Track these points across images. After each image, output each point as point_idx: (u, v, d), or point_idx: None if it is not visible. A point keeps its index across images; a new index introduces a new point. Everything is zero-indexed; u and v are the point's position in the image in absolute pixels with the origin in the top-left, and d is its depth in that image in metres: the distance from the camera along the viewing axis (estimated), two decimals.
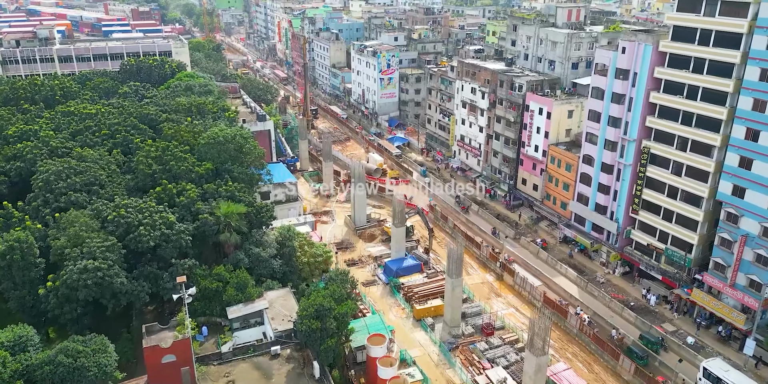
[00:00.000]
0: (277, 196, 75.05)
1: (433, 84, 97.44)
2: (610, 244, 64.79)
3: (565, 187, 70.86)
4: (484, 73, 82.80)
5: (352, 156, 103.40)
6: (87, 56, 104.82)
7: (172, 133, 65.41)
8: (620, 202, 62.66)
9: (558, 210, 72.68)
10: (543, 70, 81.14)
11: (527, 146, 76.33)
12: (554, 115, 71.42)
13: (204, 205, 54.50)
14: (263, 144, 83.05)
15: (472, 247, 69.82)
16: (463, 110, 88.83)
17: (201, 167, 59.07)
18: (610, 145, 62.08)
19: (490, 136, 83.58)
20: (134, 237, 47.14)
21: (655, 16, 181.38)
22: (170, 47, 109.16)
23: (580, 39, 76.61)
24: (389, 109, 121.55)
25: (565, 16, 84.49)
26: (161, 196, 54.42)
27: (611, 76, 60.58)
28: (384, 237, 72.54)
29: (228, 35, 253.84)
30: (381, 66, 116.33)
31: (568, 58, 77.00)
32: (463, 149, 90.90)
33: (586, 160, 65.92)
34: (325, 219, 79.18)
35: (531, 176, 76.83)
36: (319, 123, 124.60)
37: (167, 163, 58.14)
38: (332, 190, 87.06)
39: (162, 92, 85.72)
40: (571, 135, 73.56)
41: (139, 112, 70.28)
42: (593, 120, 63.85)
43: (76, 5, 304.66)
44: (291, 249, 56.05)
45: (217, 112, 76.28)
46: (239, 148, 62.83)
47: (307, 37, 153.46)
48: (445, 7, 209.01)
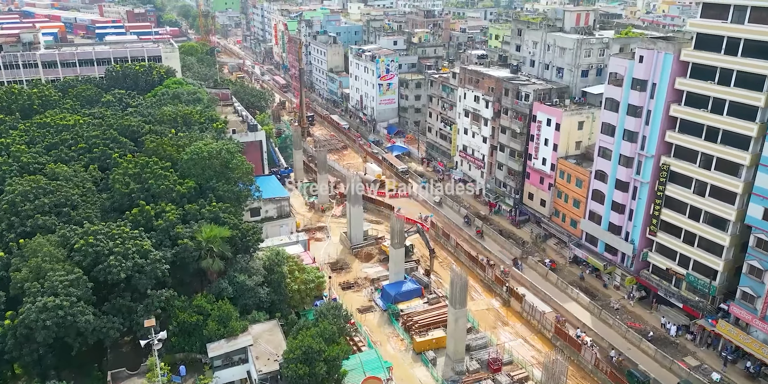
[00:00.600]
0: (267, 213, 70.58)
1: (434, 91, 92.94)
2: (624, 267, 60.23)
3: (575, 203, 66.29)
4: (488, 80, 78.26)
5: (349, 166, 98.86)
6: (72, 62, 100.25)
7: (154, 146, 60.79)
8: (636, 222, 58.10)
9: (567, 228, 68.11)
10: (550, 77, 76.59)
11: (534, 159, 71.78)
12: (563, 126, 66.88)
13: (184, 228, 49.94)
14: (254, 155, 78.63)
15: (476, 268, 65.23)
16: (466, 119, 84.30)
17: (183, 186, 54.47)
18: (626, 160, 57.53)
19: (495, 148, 79.02)
20: (103, 268, 42.55)
21: (662, 19, 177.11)
22: (160, 52, 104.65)
23: (590, 45, 72.08)
24: (388, 115, 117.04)
25: (574, 20, 79.90)
26: (138, 218, 49.85)
27: (627, 86, 56.05)
28: (382, 256, 67.96)
29: (224, 37, 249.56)
30: (380, 71, 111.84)
31: (578, 66, 72.45)
32: (465, 160, 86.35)
33: (599, 175, 61.35)
34: (320, 236, 74.61)
35: (538, 191, 72.25)
36: (315, 130, 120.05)
37: (146, 181, 53.58)
38: (327, 203, 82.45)
39: (148, 100, 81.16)
40: (582, 148, 69.00)
41: (119, 123, 65.68)
42: (607, 133, 59.28)
43: (72, 7, 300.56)
44: (280, 275, 51.47)
45: (204, 123, 71.71)
46: (225, 164, 58.24)
47: (304, 40, 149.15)
48: (446, 9, 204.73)
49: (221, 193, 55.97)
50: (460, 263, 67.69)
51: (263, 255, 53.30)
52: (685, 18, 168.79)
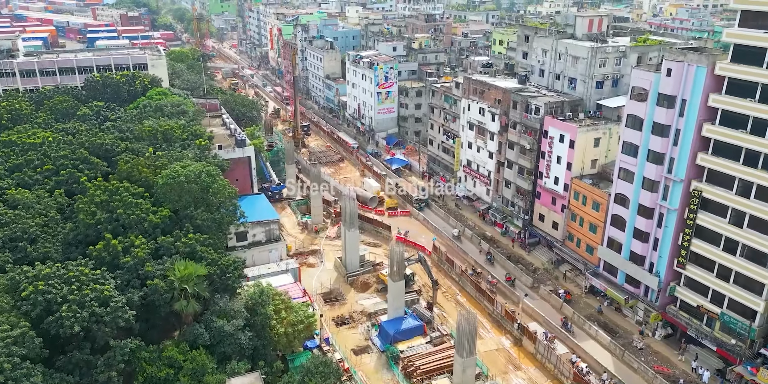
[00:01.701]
0: (255, 237, 64.72)
1: (436, 102, 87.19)
2: (648, 301, 54.41)
3: (591, 228, 60.48)
4: (495, 92, 72.52)
5: (345, 180, 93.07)
6: (52, 70, 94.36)
7: (128, 168, 55.11)
8: (662, 253, 52.28)
9: (583, 254, 62.31)
10: (562, 88, 70.84)
11: (545, 178, 66.00)
12: (578, 143, 61.13)
13: (156, 264, 44.21)
14: (242, 172, 72.91)
15: (483, 301, 59.40)
16: (470, 132, 78.54)
17: (156, 215, 48.70)
18: (650, 184, 51.73)
19: (501, 164, 73.24)
20: (55, 319, 36.77)
21: (670, 22, 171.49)
22: (146, 59, 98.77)
23: (605, 54, 66.33)
24: (387, 125, 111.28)
25: (586, 26, 74.11)
26: (102, 254, 44.10)
27: (652, 102, 50.29)
28: (380, 286, 62.15)
29: (220, 41, 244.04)
30: (378, 79, 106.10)
31: (592, 76, 66.69)
32: (469, 176, 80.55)
33: (619, 199, 55.55)
34: (312, 260, 68.79)
35: (550, 212, 66.46)
36: (310, 140, 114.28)
37: (115, 210, 47.82)
38: (321, 223, 76.63)
39: (129, 113, 75.46)
40: (598, 166, 63.24)
41: (91, 141, 59.93)
42: (628, 154, 53.50)
43: (66, 10, 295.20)
44: (264, 317, 45.75)
45: (186, 139, 65.95)
46: (205, 188, 52.50)
47: (300, 45, 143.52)
48: (447, 12, 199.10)
49: (199, 223, 50.21)
50: (465, 293, 61.88)
51: (246, 293, 47.54)
52: (695, 21, 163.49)
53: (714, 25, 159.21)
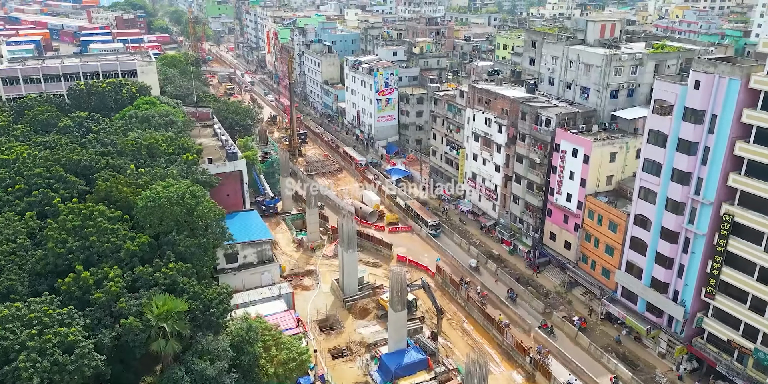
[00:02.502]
0: (246, 258, 60.43)
1: (439, 110, 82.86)
2: (673, 333, 50.03)
3: (608, 250, 56.14)
4: (502, 101, 68.22)
5: (343, 193, 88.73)
6: (36, 77, 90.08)
7: (107, 188, 50.78)
8: (688, 281, 47.95)
9: (599, 277, 57.97)
10: (573, 98, 66.56)
11: (557, 194, 61.69)
12: (593, 158, 56.81)
13: (131, 299, 39.86)
14: (233, 188, 68.63)
15: (492, 329, 55.00)
16: (475, 144, 74.23)
17: (134, 241, 44.33)
18: (675, 206, 47.40)
19: (509, 178, 68.91)
20: (11, 370, 32.41)
21: (677, 25, 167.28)
22: (135, 65, 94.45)
23: (620, 62, 62.02)
24: (387, 133, 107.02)
25: (598, 31, 69.85)
26: (71, 289, 39.75)
27: (678, 117, 45.97)
28: (380, 312, 57.78)
29: (217, 44, 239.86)
30: (378, 85, 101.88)
31: (607, 86, 62.40)
32: (474, 189, 76.21)
33: (640, 221, 51.19)
34: (308, 282, 64.41)
35: (562, 231, 62.13)
36: (307, 149, 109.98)
37: (88, 237, 43.48)
38: (318, 240, 72.23)
39: (114, 124, 71.20)
40: (614, 183, 58.92)
41: (68, 157, 55.54)
42: (651, 172, 49.16)
43: (61, 12, 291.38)
44: (252, 357, 41.38)
45: (173, 154, 61.66)
46: (189, 211, 48.16)
47: (297, 49, 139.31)
48: (448, 14, 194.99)
49: (182, 249, 45.81)
50: (472, 320, 57.51)
51: (233, 328, 43.13)
52: (703, 24, 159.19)
53: (723, 28, 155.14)
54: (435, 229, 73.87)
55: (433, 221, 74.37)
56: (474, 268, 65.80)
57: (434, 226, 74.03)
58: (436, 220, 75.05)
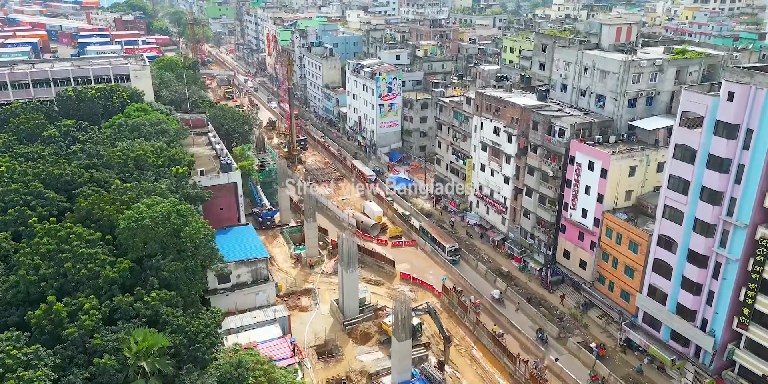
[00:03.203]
0: (239, 277, 56.74)
1: (444, 118, 78.97)
2: (700, 364, 46.09)
3: (628, 271, 52.23)
4: (511, 109, 64.35)
5: (344, 203, 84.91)
6: (25, 82, 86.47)
7: (88, 205, 47.10)
8: (719, 309, 44.03)
9: (617, 300, 54.07)
10: (588, 106, 62.65)
11: (571, 209, 57.79)
12: (612, 172, 52.89)
13: (108, 334, 36.15)
14: (227, 201, 64.96)
15: (503, 358, 51.09)
16: (483, 154, 70.37)
17: (114, 267, 40.62)
18: (705, 228, 43.49)
19: (519, 191, 65.03)
20: None
21: (687, 26, 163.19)
22: (128, 70, 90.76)
23: (639, 68, 58.07)
24: (390, 139, 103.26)
25: (613, 35, 65.94)
26: (42, 322, 36.07)
27: (708, 131, 42.08)
28: (383, 337, 53.90)
29: (217, 46, 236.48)
30: (380, 90, 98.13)
31: (624, 93, 58.48)
32: (482, 202, 72.34)
33: (664, 242, 47.26)
34: (306, 303, 60.56)
35: (576, 249, 58.23)
36: (307, 155, 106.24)
37: (63, 263, 39.79)
38: (317, 256, 68.36)
39: (103, 133, 67.60)
40: (633, 198, 55.00)
41: (48, 171, 51.87)
42: (677, 190, 45.25)
43: (61, 13, 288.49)
44: None
45: (162, 166, 57.99)
46: (176, 232, 44.44)
47: (298, 51, 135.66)
48: (452, 15, 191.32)
49: (167, 275, 42.08)
50: (480, 346, 53.64)
51: (222, 362, 39.40)
52: (714, 26, 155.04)
53: (734, 29, 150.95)
54: (454, 256, 66.80)
55: (451, 247, 67.00)
56: (497, 300, 59.39)
57: (453, 252, 66.85)
58: (455, 245, 67.58)
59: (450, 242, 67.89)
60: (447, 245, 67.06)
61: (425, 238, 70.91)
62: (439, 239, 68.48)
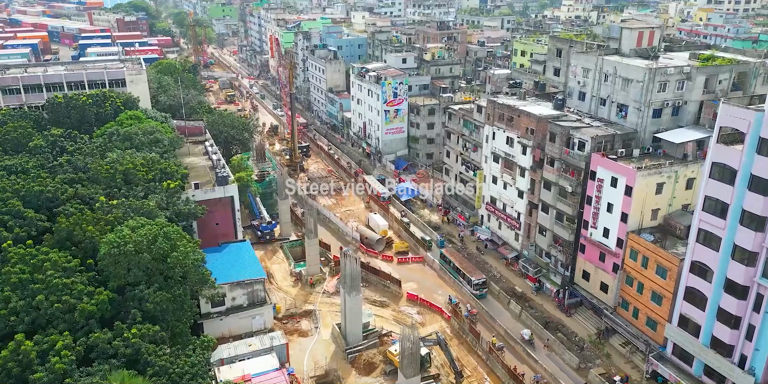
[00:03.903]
0: (235, 300, 53.01)
1: (454, 126, 74.91)
2: None
3: (655, 298, 48.07)
4: (526, 119, 60.26)
5: (348, 215, 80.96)
6: (16, 88, 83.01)
7: (69, 226, 43.37)
8: (759, 344, 39.88)
9: (642, 328, 49.90)
10: (608, 116, 58.52)
11: (592, 228, 53.68)
12: (637, 190, 48.76)
13: (81, 377, 32.31)
14: (223, 216, 61.23)
15: None
16: (495, 165, 66.33)
17: (93, 299, 36.83)
18: (745, 255, 39.34)
19: (535, 206, 60.94)
20: None
21: (702, 28, 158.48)
22: (123, 74, 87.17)
23: (666, 76, 53.91)
24: (396, 146, 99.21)
25: (634, 40, 61.89)
26: (9, 364, 32.28)
27: (750, 149, 37.93)
28: (388, 367, 49.89)
29: (220, 47, 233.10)
30: (386, 95, 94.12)
31: (649, 103, 54.32)
32: (494, 216, 68.27)
33: (697, 269, 43.11)
34: (305, 326, 56.63)
35: (597, 271, 54.11)
36: (310, 163, 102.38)
37: (35, 294, 36.02)
38: (318, 274, 64.40)
39: (94, 142, 63.96)
40: (660, 217, 50.83)
41: (29, 187, 48.15)
42: (713, 213, 41.10)
43: (64, 14, 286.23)
44: None
45: (152, 180, 54.22)
46: (162, 257, 40.62)
47: (301, 54, 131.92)
48: (459, 17, 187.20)
49: (151, 307, 38.25)
50: (494, 378, 49.57)
51: None
52: (731, 28, 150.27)
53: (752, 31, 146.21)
54: (481, 289, 59.49)
55: (478, 279, 59.29)
56: (527, 341, 52.93)
57: (479, 285, 59.38)
58: (482, 277, 59.83)
59: (477, 274, 60.22)
60: (473, 278, 59.39)
61: (446, 267, 63.99)
62: (464, 270, 60.84)
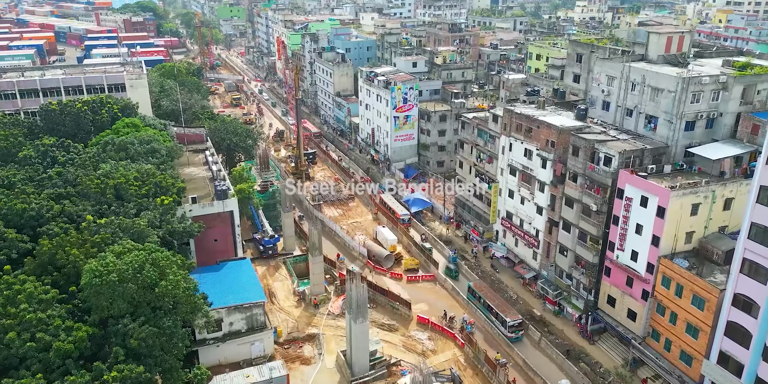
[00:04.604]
0: (232, 325, 49.36)
1: (467, 136, 70.86)
2: None
3: (690, 330, 43.89)
4: (546, 130, 56.18)
5: (355, 228, 77.13)
6: (11, 93, 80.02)
7: (50, 249, 39.86)
8: None
9: (674, 362, 45.71)
10: (635, 128, 54.33)
11: (618, 250, 49.55)
12: (671, 211, 44.58)
13: None
14: (222, 232, 57.69)
15: None
16: (512, 178, 62.29)
17: (71, 336, 33.21)
18: None
19: (555, 223, 56.83)
20: None
21: (722, 31, 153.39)
22: (123, 79, 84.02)
23: (700, 86, 49.69)
24: (405, 154, 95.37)
25: (662, 45, 57.73)
26: None
27: None
28: None
29: (228, 49, 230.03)
30: (395, 101, 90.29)
31: (682, 115, 50.10)
32: (510, 232, 64.23)
33: (741, 303, 38.91)
34: (308, 353, 52.86)
35: (624, 297, 49.95)
36: (316, 170, 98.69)
37: (6, 331, 32.44)
38: (323, 293, 60.64)
39: (88, 152, 60.59)
40: (695, 241, 46.62)
41: (11, 205, 44.70)
42: (760, 242, 36.91)
43: (72, 14, 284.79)
44: None
45: (146, 195, 50.67)
46: (150, 286, 36.98)
47: (308, 57, 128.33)
48: (470, 18, 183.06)
49: (136, 343, 34.58)
50: None
51: None
52: (753, 30, 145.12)
53: None
54: (516, 331, 52.56)
55: (513, 320, 52.27)
56: None
57: (515, 327, 52.46)
58: (518, 318, 52.81)
59: (512, 314, 53.18)
60: (508, 319, 52.34)
61: (475, 303, 57.08)
62: (496, 308, 53.69)
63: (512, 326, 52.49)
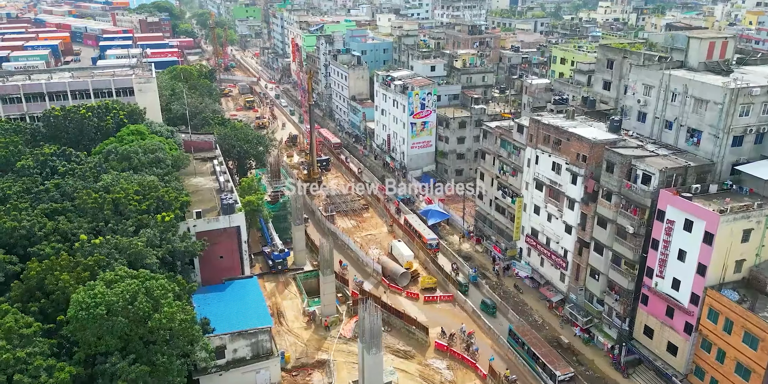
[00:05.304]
0: (237, 352, 45.91)
1: (489, 146, 66.71)
2: None
3: (741, 371, 39.46)
4: (577, 143, 51.92)
5: (369, 241, 73.35)
6: (17, 96, 77.54)
7: (39, 274, 36.63)
8: None
9: None
10: (675, 142, 49.85)
11: (657, 276, 45.21)
12: (720, 237, 40.19)
13: None
14: (228, 248, 54.33)
15: None
16: (538, 193, 58.09)
17: (51, 379, 29.85)
18: None
19: (586, 244, 52.54)
20: None
21: (753, 33, 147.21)
22: (131, 83, 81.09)
23: (750, 97, 45.16)
24: (423, 161, 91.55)
25: (704, 52, 53.19)
26: None
27: None
28: None
29: (243, 49, 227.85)
30: (413, 107, 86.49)
31: (729, 129, 45.60)
32: (534, 250, 60.03)
33: None
34: (317, 381, 49.21)
35: (664, 328, 45.58)
36: (330, 177, 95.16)
37: None
38: (334, 313, 56.97)
39: (89, 162, 57.54)
40: (744, 270, 42.17)
41: (1, 224, 41.58)
42: None
43: (89, 14, 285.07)
44: None
45: (147, 211, 47.36)
46: (142, 320, 33.54)
47: (323, 59, 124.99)
48: (490, 19, 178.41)
49: None
50: None
51: None
52: None
53: None
54: (565, 376, 46.08)
55: (564, 375, 45.72)
56: None
57: (566, 382, 45.97)
58: (569, 371, 46.20)
59: (563, 367, 46.44)
60: (558, 372, 45.68)
61: (518, 350, 50.40)
62: (543, 358, 47.18)
63: (562, 381, 45.76)
